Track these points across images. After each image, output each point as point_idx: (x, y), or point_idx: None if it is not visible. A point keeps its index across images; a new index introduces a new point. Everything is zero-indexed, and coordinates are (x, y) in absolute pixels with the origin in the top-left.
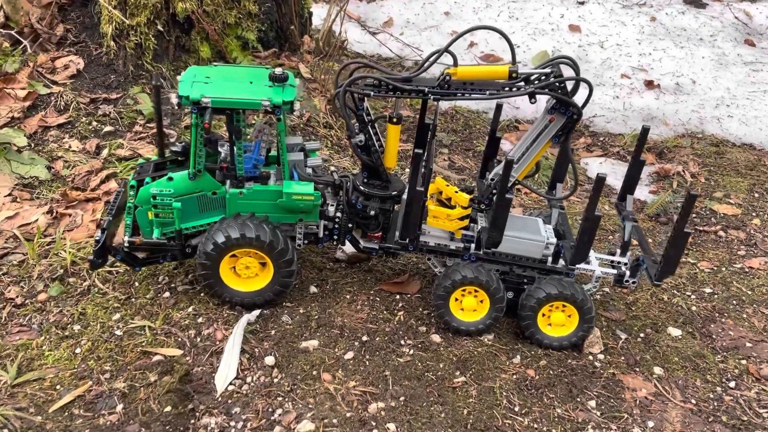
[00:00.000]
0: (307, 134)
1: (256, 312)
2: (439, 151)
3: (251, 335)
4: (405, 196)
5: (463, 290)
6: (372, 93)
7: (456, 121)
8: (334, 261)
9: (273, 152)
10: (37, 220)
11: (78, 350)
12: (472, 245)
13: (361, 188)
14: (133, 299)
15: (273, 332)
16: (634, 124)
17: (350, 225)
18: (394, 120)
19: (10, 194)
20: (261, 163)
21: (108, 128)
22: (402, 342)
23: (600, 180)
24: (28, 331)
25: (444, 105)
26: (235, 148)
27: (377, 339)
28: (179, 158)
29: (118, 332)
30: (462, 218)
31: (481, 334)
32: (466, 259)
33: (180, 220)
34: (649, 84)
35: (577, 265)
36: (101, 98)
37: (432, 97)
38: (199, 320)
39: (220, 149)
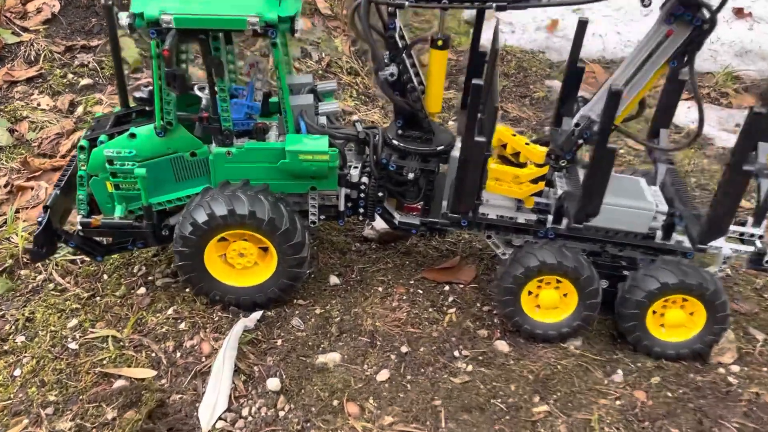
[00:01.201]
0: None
1: (256, 315)
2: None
3: (249, 347)
4: (456, 152)
5: (540, 280)
6: (407, 2)
7: (507, 63)
8: (362, 241)
9: (275, 97)
10: None
11: (18, 371)
12: (549, 217)
13: (395, 143)
14: (98, 297)
15: (279, 342)
16: (725, 61)
17: (380, 194)
18: (440, 43)
19: None
20: (256, 112)
21: (85, 81)
22: (456, 353)
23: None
24: None
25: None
26: (216, 91)
27: (421, 350)
28: (147, 108)
29: (73, 345)
30: (535, 180)
31: (565, 339)
32: (542, 236)
33: (148, 192)
34: (739, 12)
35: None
36: (79, 46)
37: (495, 5)
38: (181, 326)
39: (199, 93)
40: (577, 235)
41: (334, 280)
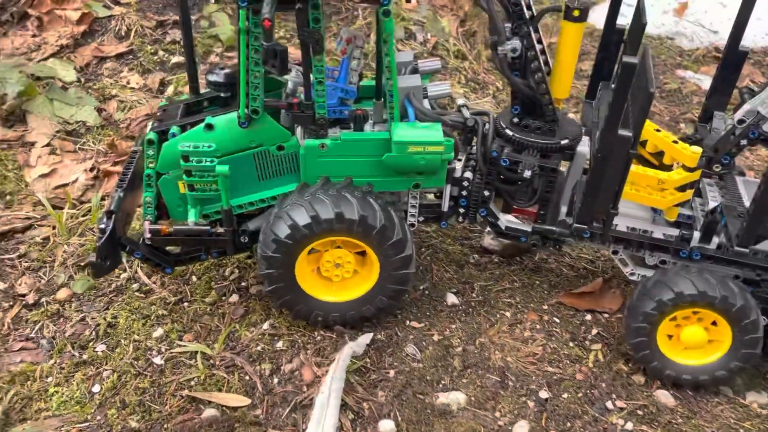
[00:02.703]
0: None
1: (365, 339)
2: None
3: (357, 377)
4: (583, 147)
5: (678, 313)
6: None
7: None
8: (481, 252)
9: (369, 79)
10: (76, 180)
11: (97, 388)
12: (695, 234)
13: (510, 133)
14: (186, 303)
15: (392, 374)
16: None
17: (486, 192)
18: (576, 13)
19: (48, 144)
20: (352, 97)
21: (177, 59)
22: (608, 404)
23: None
24: (33, 349)
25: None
26: (312, 72)
27: (565, 396)
28: (221, 94)
29: (158, 360)
30: (683, 188)
31: (718, 384)
32: (685, 256)
33: (229, 193)
34: None
35: None
36: (171, 21)
37: None
38: (278, 345)
39: (286, 76)
40: (734, 259)
41: (451, 299)
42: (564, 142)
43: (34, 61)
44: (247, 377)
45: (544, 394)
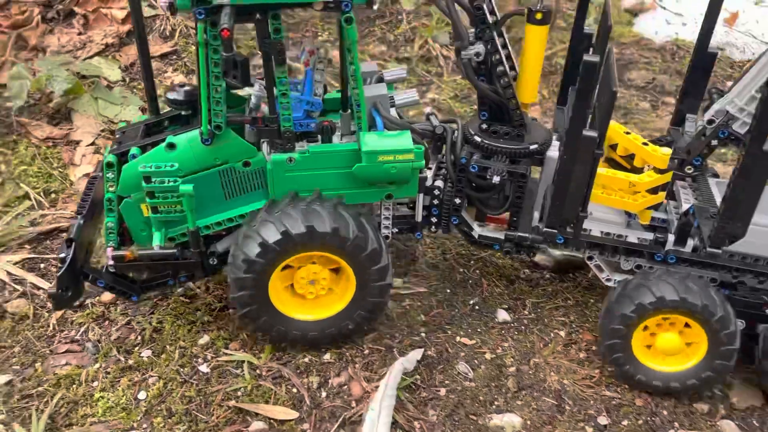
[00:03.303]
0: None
1: (416, 355)
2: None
3: (407, 394)
4: (553, 152)
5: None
6: None
7: (680, 59)
8: (531, 267)
9: (332, 92)
10: None
11: (143, 395)
12: (670, 237)
13: (477, 139)
14: (231, 310)
15: (443, 392)
16: None
17: (458, 200)
18: (538, 16)
19: (93, 143)
20: (318, 109)
21: None
22: None
23: None
24: (78, 352)
25: (659, 39)
26: (275, 85)
27: (625, 423)
28: (182, 112)
29: (204, 368)
30: (654, 190)
31: (689, 392)
32: (660, 260)
33: (195, 214)
34: None
35: None
36: None
37: None
38: (326, 357)
39: (249, 90)
40: (708, 261)
41: (503, 315)
42: (533, 147)
43: (80, 59)
44: (294, 389)
45: (603, 420)
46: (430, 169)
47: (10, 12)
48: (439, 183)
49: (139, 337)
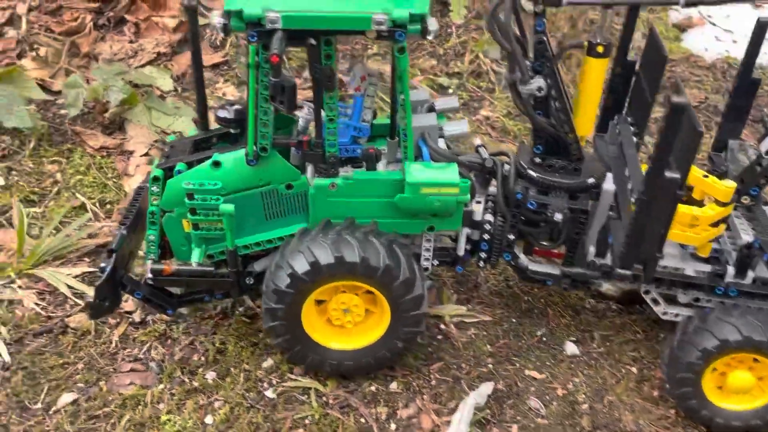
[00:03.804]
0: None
1: (487, 388)
2: None
3: (479, 430)
4: (609, 185)
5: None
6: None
7: (729, 78)
8: (597, 297)
9: (382, 117)
10: None
11: (209, 419)
12: (729, 268)
13: (533, 174)
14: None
15: (515, 429)
16: None
17: (511, 236)
18: (600, 49)
19: (146, 153)
20: (365, 135)
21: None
22: None
23: None
24: (142, 372)
25: (709, 56)
26: (323, 109)
27: None
28: (231, 130)
29: (270, 393)
30: (716, 223)
31: None
32: (721, 293)
33: (234, 233)
34: None
35: None
36: None
37: (684, 0)
38: (392, 387)
39: (297, 113)
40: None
41: (571, 348)
42: (590, 180)
43: (132, 67)
44: (362, 420)
45: None
46: (479, 203)
47: (63, 18)
48: (489, 217)
49: (203, 358)
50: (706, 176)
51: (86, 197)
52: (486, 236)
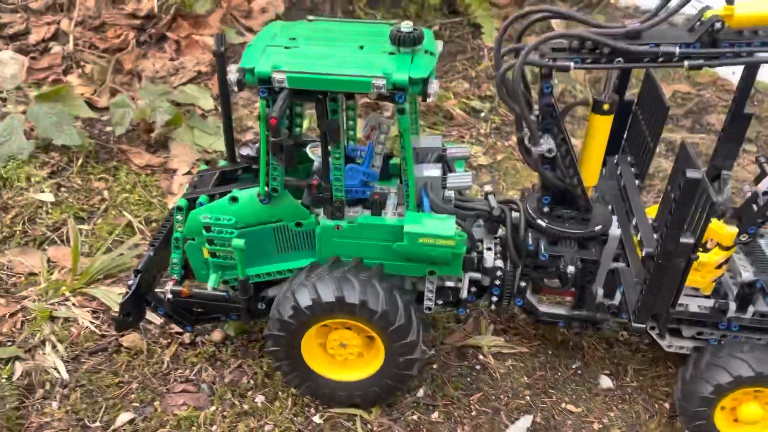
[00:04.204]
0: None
1: (525, 422)
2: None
3: None
4: (615, 230)
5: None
6: (573, 64)
7: (758, 103)
8: (630, 330)
9: (397, 158)
10: None
11: None
12: (730, 304)
13: (542, 224)
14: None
15: None
16: None
17: (523, 284)
18: (606, 107)
19: (189, 172)
20: (373, 179)
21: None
22: None
23: None
24: (194, 393)
25: (737, 80)
26: (331, 158)
27: None
28: (254, 166)
29: (317, 419)
30: (720, 266)
31: None
32: (723, 328)
33: (245, 264)
34: None
35: None
36: None
37: (687, 63)
38: (434, 416)
39: (311, 155)
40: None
41: (606, 382)
42: (598, 228)
43: (173, 85)
44: None
45: None
46: (489, 249)
47: (107, 35)
48: (500, 263)
49: (252, 381)
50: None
51: (132, 215)
52: (497, 282)
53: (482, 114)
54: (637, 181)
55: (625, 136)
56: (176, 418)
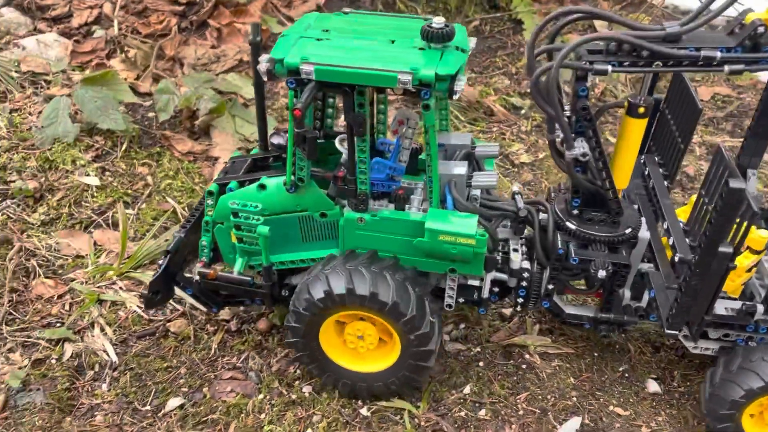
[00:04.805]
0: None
1: (574, 423)
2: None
3: None
4: (645, 233)
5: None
6: (610, 67)
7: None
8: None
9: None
10: None
11: None
12: (759, 307)
13: (572, 226)
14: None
15: None
16: None
17: (551, 287)
18: (641, 110)
19: None
20: (399, 174)
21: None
22: None
23: None
24: (242, 381)
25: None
26: (356, 151)
27: None
28: (283, 155)
29: (365, 411)
30: (749, 269)
31: None
32: (751, 330)
33: (269, 251)
34: None
35: None
36: None
37: (728, 68)
38: (481, 414)
39: (340, 147)
40: None
41: (653, 386)
42: (628, 231)
43: (215, 73)
44: None
45: None
46: (516, 250)
47: (149, 20)
48: (527, 265)
49: (298, 371)
50: None
51: (176, 201)
52: (524, 283)
53: (522, 111)
54: (666, 182)
55: (651, 135)
56: (225, 405)
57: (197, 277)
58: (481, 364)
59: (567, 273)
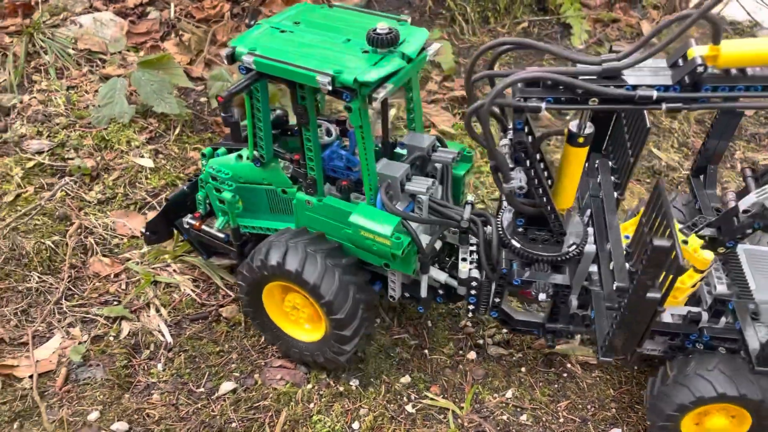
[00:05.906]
0: None
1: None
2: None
3: None
4: (590, 247)
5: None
6: (544, 105)
7: None
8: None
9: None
10: None
11: (356, 425)
12: (702, 314)
13: (516, 245)
14: (427, 351)
15: None
16: None
17: (497, 300)
18: (580, 140)
19: None
20: (355, 165)
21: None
22: None
23: None
24: (291, 369)
25: None
26: (304, 138)
27: None
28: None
29: (410, 408)
30: (693, 284)
31: None
32: (694, 339)
33: (235, 215)
34: None
35: None
36: None
37: (666, 106)
38: (522, 418)
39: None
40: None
41: None
42: (571, 248)
43: None
44: None
45: None
46: (464, 260)
47: (203, 4)
48: (476, 274)
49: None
50: (685, 242)
51: None
52: (473, 291)
53: (567, 117)
54: (616, 194)
55: (608, 136)
56: (276, 393)
57: (186, 226)
58: (523, 369)
59: (512, 287)
